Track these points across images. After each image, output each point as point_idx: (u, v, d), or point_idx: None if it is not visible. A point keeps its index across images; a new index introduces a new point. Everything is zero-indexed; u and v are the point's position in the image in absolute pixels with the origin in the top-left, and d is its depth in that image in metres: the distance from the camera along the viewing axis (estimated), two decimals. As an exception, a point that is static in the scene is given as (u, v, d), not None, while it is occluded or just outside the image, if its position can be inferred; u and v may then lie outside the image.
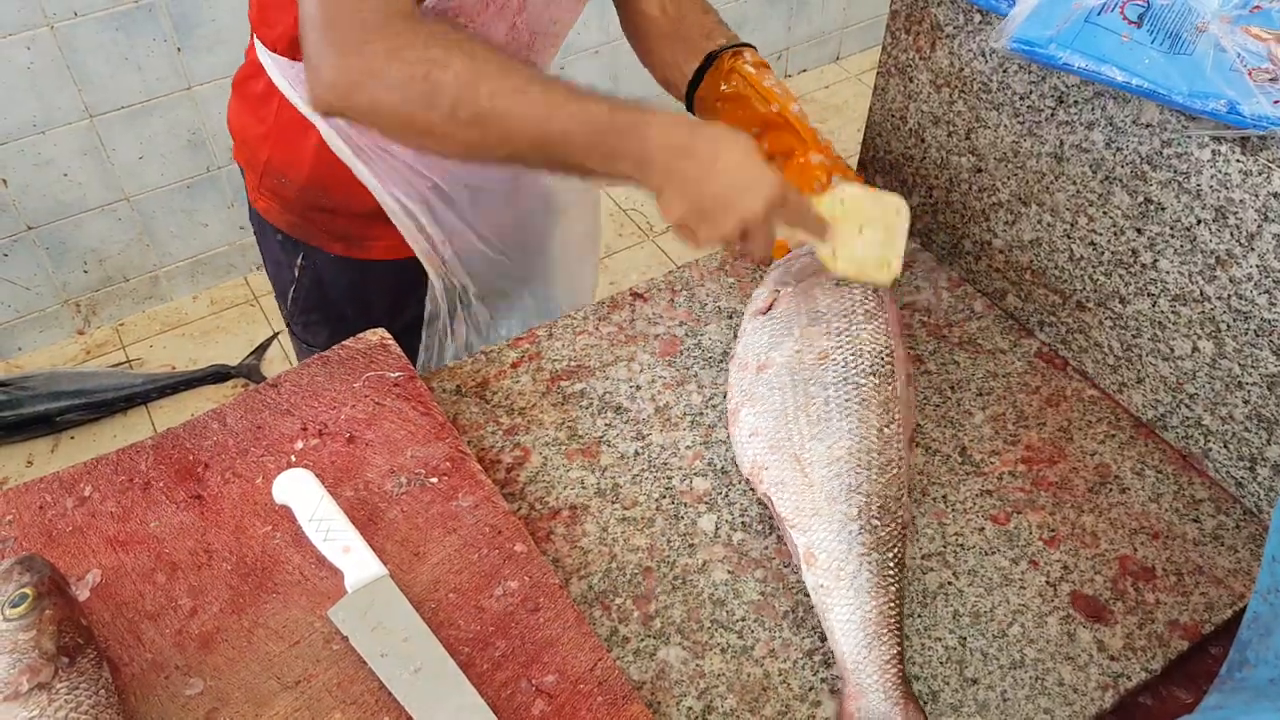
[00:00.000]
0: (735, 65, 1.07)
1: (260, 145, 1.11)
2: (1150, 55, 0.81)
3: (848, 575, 0.79)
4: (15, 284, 2.25)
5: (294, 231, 1.15)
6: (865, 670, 0.75)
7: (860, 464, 0.84)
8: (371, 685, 0.73)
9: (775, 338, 0.94)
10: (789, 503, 0.84)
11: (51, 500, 0.84)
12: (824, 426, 0.86)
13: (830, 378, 0.89)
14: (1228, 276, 0.85)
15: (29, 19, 1.94)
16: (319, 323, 1.23)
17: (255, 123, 1.10)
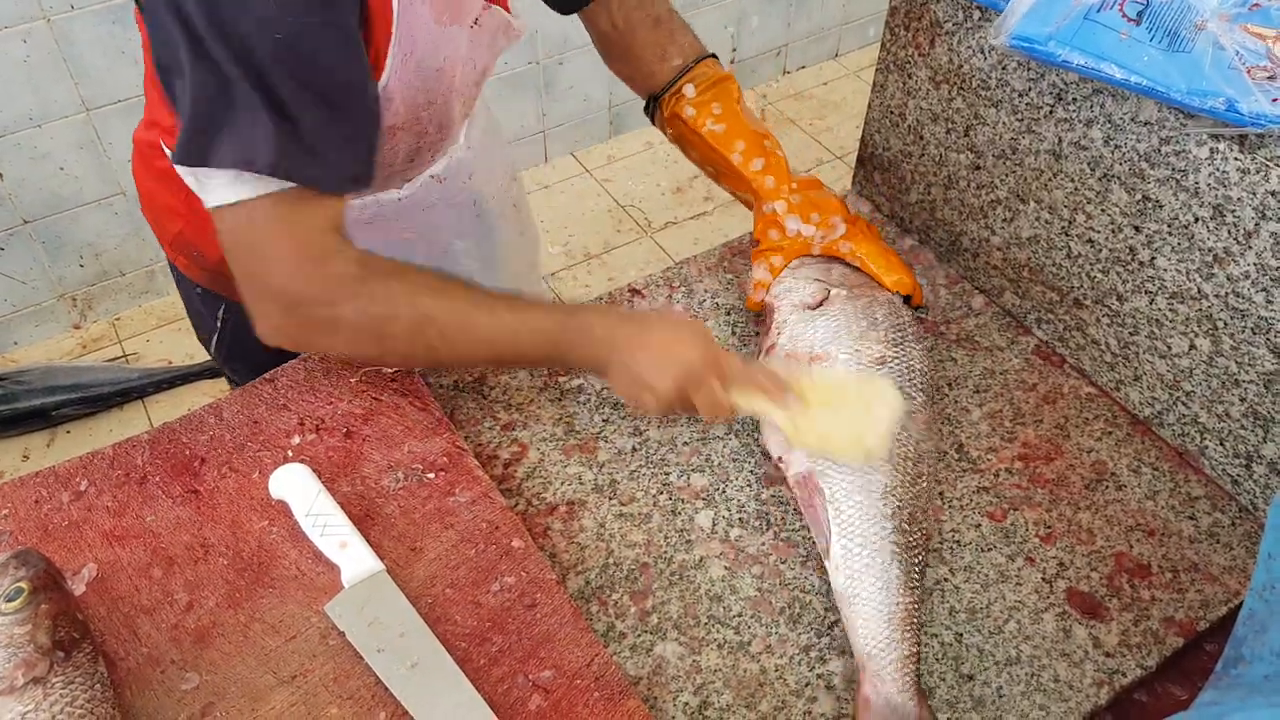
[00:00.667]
0: (676, 109, 1.08)
1: (169, 218, 1.06)
2: (1149, 53, 0.81)
3: (878, 569, 0.80)
4: (11, 278, 2.24)
5: (213, 286, 1.10)
6: (883, 660, 0.76)
7: (897, 469, 0.86)
8: (368, 680, 0.73)
9: (831, 334, 0.95)
10: (831, 485, 0.85)
11: (48, 494, 0.84)
12: None
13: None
14: (1225, 274, 0.85)
15: (25, 11, 1.93)
16: (247, 370, 1.14)
17: (165, 195, 1.05)
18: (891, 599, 0.79)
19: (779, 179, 1.04)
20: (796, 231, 1.02)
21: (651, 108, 1.12)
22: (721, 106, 1.06)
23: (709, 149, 1.06)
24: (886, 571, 0.80)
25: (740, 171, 1.05)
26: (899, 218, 1.20)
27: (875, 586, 0.80)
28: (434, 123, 0.97)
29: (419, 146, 1.00)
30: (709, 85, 1.08)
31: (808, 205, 1.03)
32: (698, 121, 1.06)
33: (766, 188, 1.04)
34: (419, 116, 0.94)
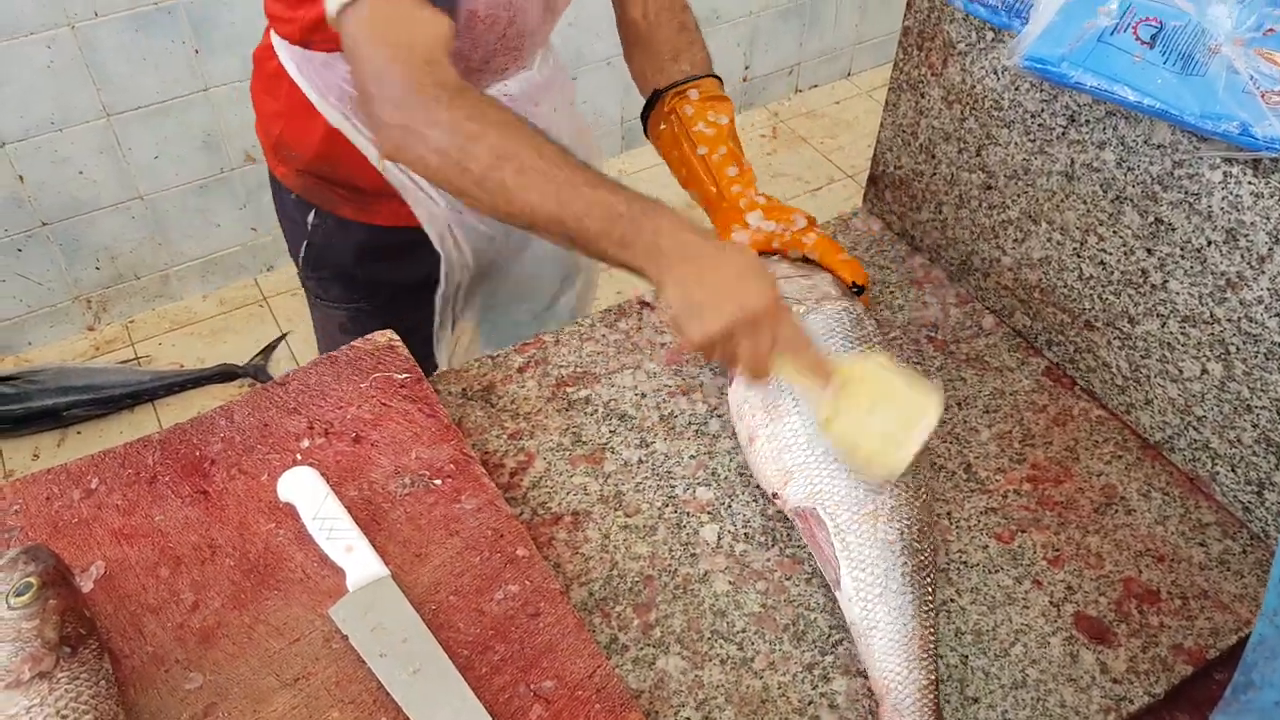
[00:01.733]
0: (675, 105, 1.11)
1: (273, 121, 1.16)
2: (1163, 76, 0.81)
3: (893, 594, 0.79)
4: (28, 279, 2.26)
5: (306, 194, 1.20)
6: (904, 691, 0.75)
7: (898, 486, 0.84)
8: (370, 685, 0.73)
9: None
10: (834, 518, 0.84)
11: (58, 491, 0.84)
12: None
13: None
14: (1238, 299, 0.85)
15: (50, 18, 1.96)
16: (330, 279, 1.28)
17: (269, 99, 1.15)
18: (908, 627, 0.78)
19: (746, 187, 1.06)
20: (757, 227, 1.03)
21: (650, 104, 1.15)
22: (717, 116, 1.09)
23: (692, 145, 1.08)
24: (901, 597, 0.79)
25: (714, 171, 1.06)
26: (910, 236, 1.20)
27: (891, 615, 0.78)
28: (514, 25, 1.03)
29: (498, 48, 1.05)
30: (710, 97, 1.11)
31: (772, 208, 1.05)
32: (692, 120, 1.09)
33: (732, 192, 1.06)
34: (499, 14, 1.00)
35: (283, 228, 1.31)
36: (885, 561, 0.81)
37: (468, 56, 1.05)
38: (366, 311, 1.29)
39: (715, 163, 1.07)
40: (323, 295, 1.31)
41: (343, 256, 1.24)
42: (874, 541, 0.82)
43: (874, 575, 0.80)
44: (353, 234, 1.21)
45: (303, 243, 1.25)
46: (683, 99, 1.11)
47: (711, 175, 1.07)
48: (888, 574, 0.80)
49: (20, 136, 2.06)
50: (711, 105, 1.10)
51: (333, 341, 1.33)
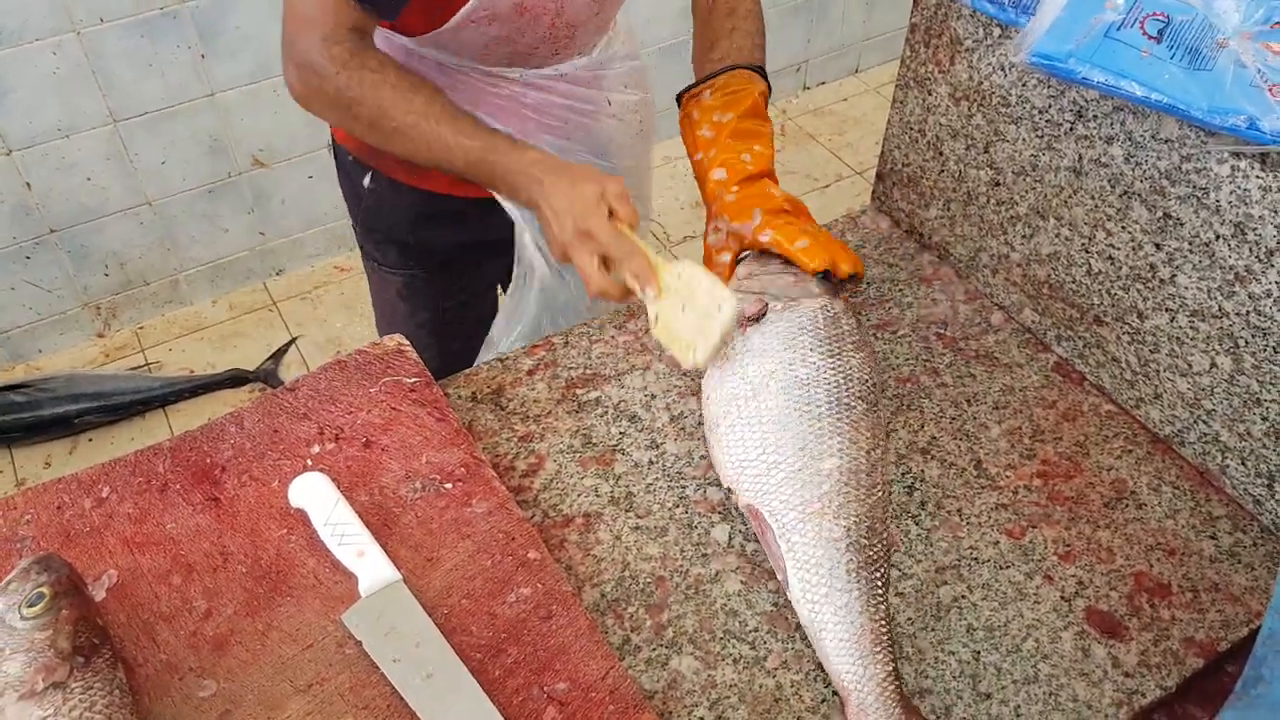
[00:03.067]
0: (689, 109, 1.11)
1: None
2: (1170, 71, 0.81)
3: (838, 592, 0.79)
4: (37, 286, 2.27)
5: (362, 156, 1.24)
6: (865, 689, 0.75)
7: (848, 484, 0.84)
8: (384, 690, 0.73)
9: (763, 348, 0.93)
10: (778, 518, 0.84)
11: (70, 501, 0.85)
12: (815, 443, 0.86)
13: (822, 396, 0.89)
14: (1246, 293, 0.85)
15: (56, 25, 1.96)
16: (384, 241, 1.31)
17: None
18: (856, 624, 0.77)
19: (727, 181, 1.05)
20: (726, 231, 1.04)
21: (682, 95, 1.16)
22: (722, 115, 1.08)
23: (692, 152, 1.09)
24: (847, 595, 0.79)
25: (701, 173, 1.07)
26: (918, 233, 1.20)
27: (839, 615, 0.78)
28: (562, 16, 1.08)
29: (547, 37, 1.10)
30: (724, 94, 1.09)
31: (736, 205, 1.04)
32: (698, 125, 1.09)
33: (714, 194, 1.06)
34: (545, 5, 1.05)
35: (341, 189, 1.34)
36: (830, 560, 0.80)
37: (514, 42, 1.08)
38: (422, 278, 1.32)
39: (701, 160, 1.07)
40: (380, 260, 1.33)
41: (397, 220, 1.27)
42: (819, 540, 0.81)
43: (819, 575, 0.80)
44: (406, 198, 1.24)
45: (359, 204, 1.29)
46: (696, 102, 1.10)
47: (704, 178, 1.07)
48: (832, 572, 0.80)
49: (27, 143, 2.07)
50: (721, 104, 1.08)
51: (389, 309, 1.38)
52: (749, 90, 1.09)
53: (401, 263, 1.31)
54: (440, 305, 1.34)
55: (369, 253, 1.35)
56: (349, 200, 1.32)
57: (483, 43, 1.07)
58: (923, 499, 0.92)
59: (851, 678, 0.75)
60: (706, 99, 1.10)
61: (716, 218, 1.05)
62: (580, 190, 0.94)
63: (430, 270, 1.31)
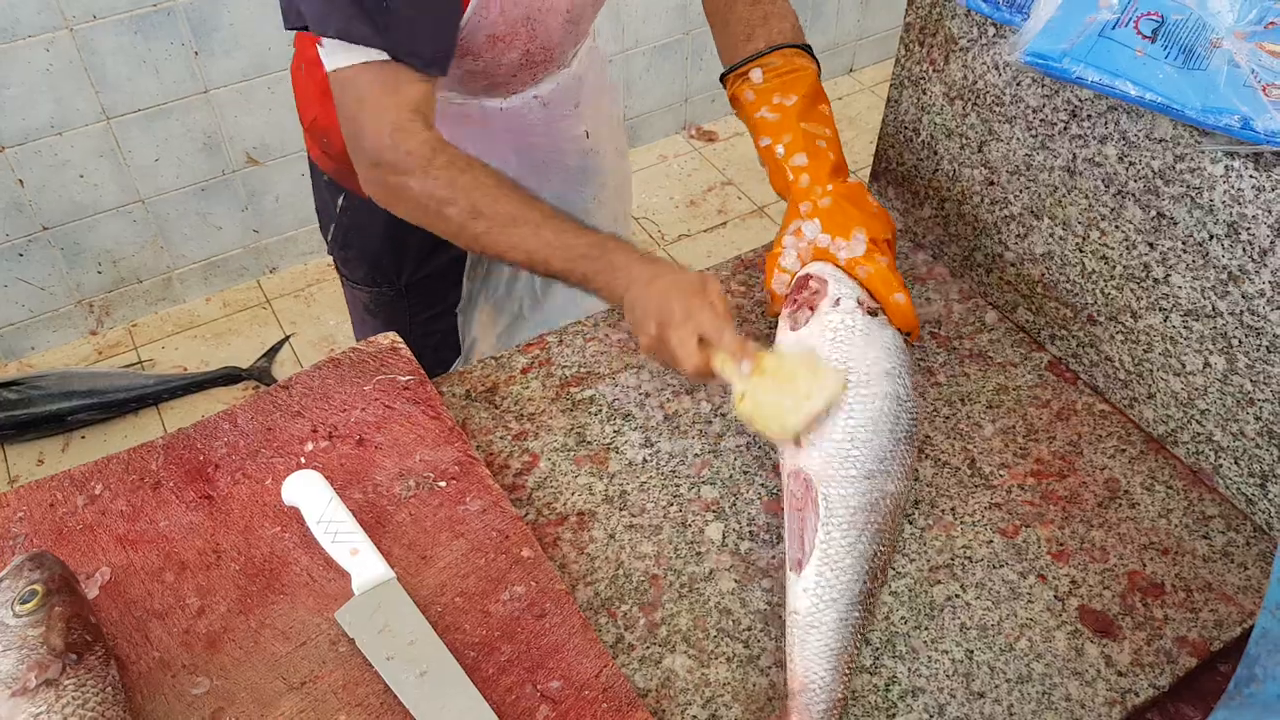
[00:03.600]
0: (738, 91, 1.08)
1: (310, 104, 1.20)
2: (1164, 70, 0.81)
3: (846, 606, 0.79)
4: (30, 284, 2.26)
5: (337, 177, 1.23)
6: (818, 698, 0.75)
7: (895, 514, 0.86)
8: (377, 688, 0.73)
9: (883, 343, 0.93)
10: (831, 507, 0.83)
11: (62, 498, 0.85)
12: (889, 462, 0.87)
13: (905, 422, 0.90)
14: (1240, 292, 0.85)
15: (48, 21, 1.96)
16: (355, 259, 1.32)
17: (308, 81, 1.19)
18: (845, 640, 0.78)
19: (815, 179, 1.01)
20: (813, 239, 1.00)
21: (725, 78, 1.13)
22: (783, 97, 1.05)
23: (756, 136, 1.06)
24: (851, 612, 0.79)
25: (780, 164, 1.03)
26: (912, 233, 1.20)
27: (836, 625, 0.78)
28: (536, 40, 1.06)
29: (523, 62, 1.09)
30: (778, 74, 1.06)
31: (836, 213, 1.00)
32: (754, 107, 1.06)
33: (800, 186, 1.02)
34: (518, 31, 1.04)
35: (316, 205, 1.34)
36: (855, 574, 0.81)
37: (492, 74, 1.08)
38: (389, 296, 1.32)
39: (780, 156, 1.03)
40: (349, 275, 1.34)
41: (369, 240, 1.27)
42: (853, 550, 0.81)
43: (840, 580, 0.80)
44: (379, 219, 1.19)
45: (332, 223, 1.29)
46: (744, 83, 1.07)
47: (779, 166, 1.03)
48: (850, 587, 0.80)
49: (20, 140, 2.06)
50: (778, 87, 1.05)
51: (360, 320, 1.40)
52: (806, 70, 1.07)
53: (370, 280, 1.32)
54: (409, 321, 1.34)
55: (339, 268, 1.36)
56: (321, 216, 1.32)
57: (459, 75, 1.07)
58: (916, 498, 0.92)
59: (817, 682, 0.76)
60: (757, 79, 1.06)
61: (804, 219, 1.01)
62: (682, 278, 0.92)
63: (398, 289, 1.31)
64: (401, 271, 1.29)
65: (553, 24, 1.07)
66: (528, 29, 1.05)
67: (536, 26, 1.05)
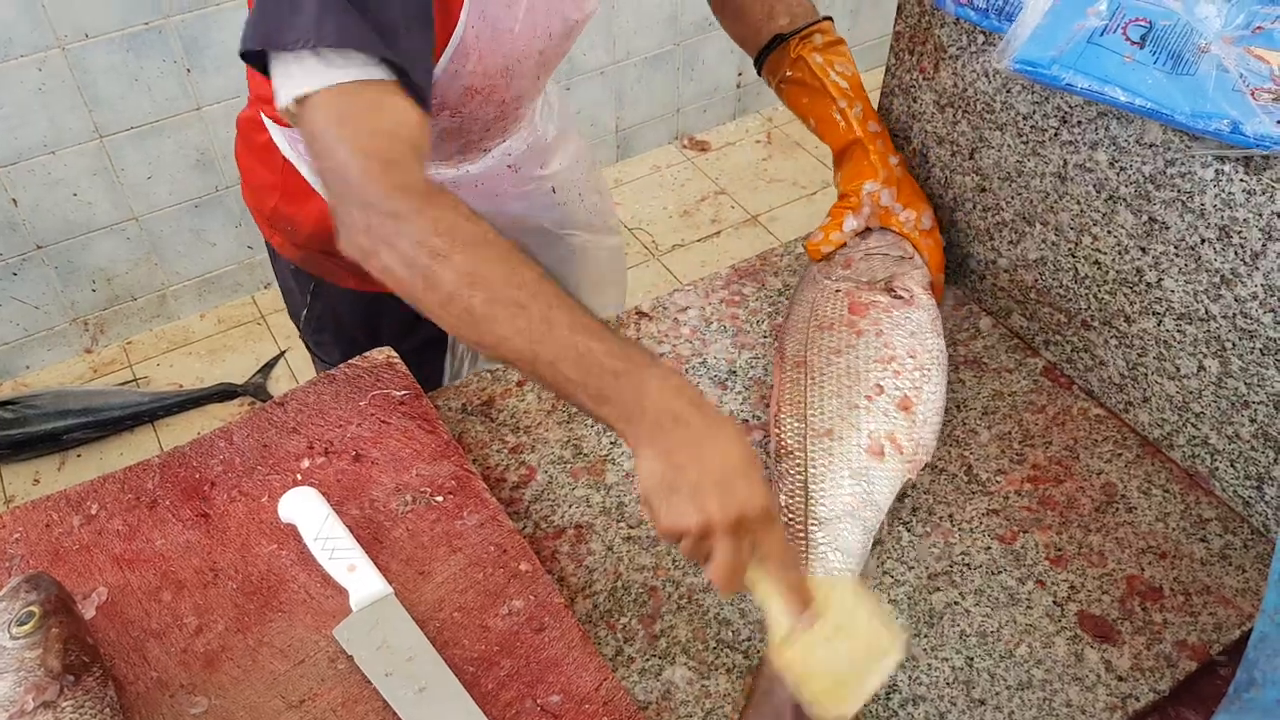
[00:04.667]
0: (802, 53, 1.10)
1: (268, 194, 1.11)
2: (1153, 76, 0.81)
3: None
4: (24, 303, 2.26)
5: (305, 265, 1.16)
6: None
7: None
8: (376, 705, 0.73)
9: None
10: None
11: (58, 518, 0.84)
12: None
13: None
14: (1233, 295, 0.85)
15: (40, 40, 1.96)
16: (330, 343, 1.26)
17: (262, 169, 1.11)
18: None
19: (888, 148, 1.09)
20: (889, 205, 1.06)
21: (764, 57, 1.15)
22: (845, 66, 1.10)
23: (829, 96, 1.09)
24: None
25: (852, 123, 1.08)
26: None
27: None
28: (511, 90, 1.00)
29: (496, 115, 1.03)
30: (831, 43, 1.12)
31: (907, 186, 1.08)
32: (824, 70, 1.09)
33: (876, 150, 1.08)
34: (495, 82, 0.96)
35: (281, 290, 1.26)
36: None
37: (466, 132, 1.03)
38: None
39: (859, 116, 1.09)
40: (324, 357, 1.28)
41: (345, 324, 1.21)
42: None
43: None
44: (356, 303, 1.17)
45: (303, 309, 1.22)
46: (808, 44, 1.10)
47: (849, 125, 1.08)
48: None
49: (12, 159, 2.06)
50: (836, 56, 1.10)
51: None
52: (844, 43, 1.12)
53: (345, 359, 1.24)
54: None
55: (312, 350, 1.28)
56: (289, 304, 1.23)
57: (434, 137, 0.99)
58: (914, 505, 0.92)
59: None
60: (819, 42, 1.10)
61: (882, 186, 1.06)
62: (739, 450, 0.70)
63: None
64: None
65: (526, 70, 1.00)
66: (505, 80, 0.97)
67: (513, 76, 0.98)
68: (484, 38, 0.91)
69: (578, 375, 0.71)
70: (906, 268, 1.03)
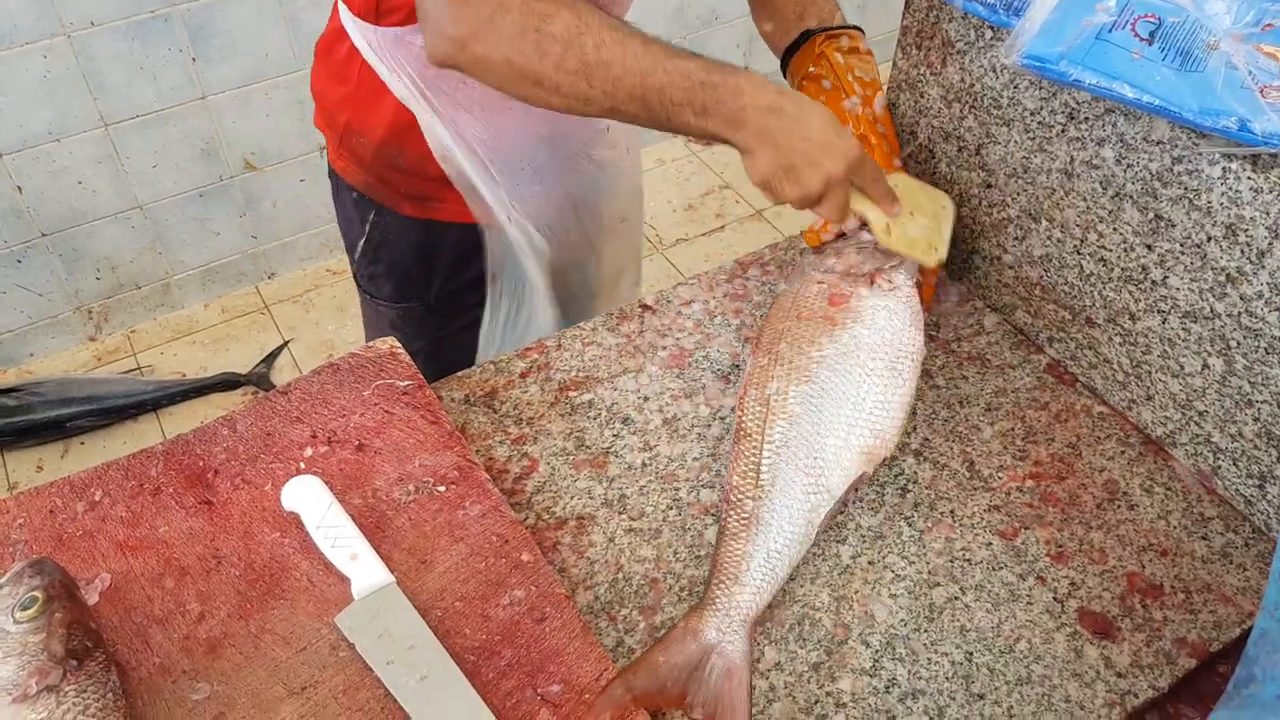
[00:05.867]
0: (825, 50, 1.11)
1: (340, 108, 1.16)
2: (1161, 72, 0.81)
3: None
4: (28, 290, 2.27)
5: (368, 191, 1.20)
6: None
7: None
8: (377, 692, 0.73)
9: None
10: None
11: (62, 504, 0.85)
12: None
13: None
14: (1238, 294, 0.85)
15: (46, 28, 1.96)
16: (383, 275, 1.28)
17: (337, 85, 1.16)
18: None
19: (893, 151, 1.11)
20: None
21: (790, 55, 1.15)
22: (864, 72, 1.11)
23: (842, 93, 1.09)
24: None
25: (861, 122, 1.08)
26: (910, 235, 1.20)
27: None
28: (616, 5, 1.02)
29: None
30: (857, 49, 1.12)
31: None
32: (845, 70, 1.10)
33: (882, 149, 1.09)
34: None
35: (340, 223, 1.31)
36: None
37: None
38: (417, 312, 1.30)
39: (867, 116, 1.09)
40: (374, 293, 1.31)
41: (400, 254, 1.25)
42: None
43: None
44: (412, 232, 1.21)
45: (360, 239, 1.26)
46: (834, 45, 1.11)
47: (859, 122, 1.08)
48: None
49: (18, 147, 2.06)
50: (859, 62, 1.11)
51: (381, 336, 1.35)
52: (870, 54, 1.12)
53: (397, 295, 1.29)
54: (435, 335, 1.33)
55: (363, 285, 1.33)
56: (347, 235, 1.29)
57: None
58: (915, 500, 0.92)
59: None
60: (845, 45, 1.10)
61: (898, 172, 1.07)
62: (829, 118, 0.88)
63: (428, 302, 1.29)
64: (431, 285, 1.27)
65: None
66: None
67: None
68: None
69: (683, 95, 0.84)
70: (895, 259, 1.02)
